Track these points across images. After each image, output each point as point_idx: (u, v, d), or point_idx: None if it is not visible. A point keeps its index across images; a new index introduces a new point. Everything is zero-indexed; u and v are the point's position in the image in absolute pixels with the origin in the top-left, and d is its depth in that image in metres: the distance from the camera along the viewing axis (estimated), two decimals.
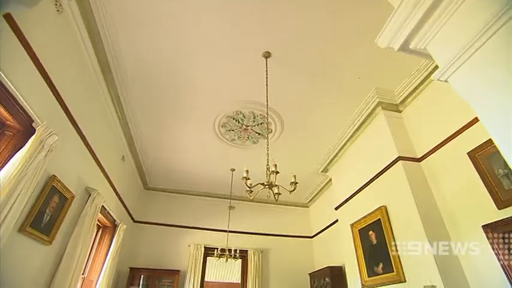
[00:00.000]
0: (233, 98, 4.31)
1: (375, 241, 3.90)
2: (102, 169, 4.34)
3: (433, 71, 3.51)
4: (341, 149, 5.18)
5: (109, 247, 4.99)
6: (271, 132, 4.94)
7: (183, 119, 4.77)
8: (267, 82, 3.62)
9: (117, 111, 4.41)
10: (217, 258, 5.88)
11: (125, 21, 3.19)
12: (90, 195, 3.88)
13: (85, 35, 3.20)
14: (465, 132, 3.08)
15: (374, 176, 4.14)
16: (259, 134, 5.07)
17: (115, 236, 5.08)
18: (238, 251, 5.74)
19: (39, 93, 2.65)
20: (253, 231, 7.21)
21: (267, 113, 3.98)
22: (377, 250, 3.82)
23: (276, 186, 3.09)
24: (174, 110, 4.57)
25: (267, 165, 3.20)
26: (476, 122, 2.94)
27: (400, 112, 4.13)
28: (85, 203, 3.80)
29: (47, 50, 2.67)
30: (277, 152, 4.06)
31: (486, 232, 2.63)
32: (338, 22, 3.14)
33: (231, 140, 5.25)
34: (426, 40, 1.33)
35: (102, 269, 4.72)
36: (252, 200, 3.54)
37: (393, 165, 3.75)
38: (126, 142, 5.20)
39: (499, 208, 2.57)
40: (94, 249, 4.84)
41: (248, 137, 5.16)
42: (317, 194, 7.19)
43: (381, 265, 3.69)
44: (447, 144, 3.30)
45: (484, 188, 2.72)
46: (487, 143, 2.74)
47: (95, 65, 3.57)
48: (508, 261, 2.42)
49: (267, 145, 3.66)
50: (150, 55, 3.60)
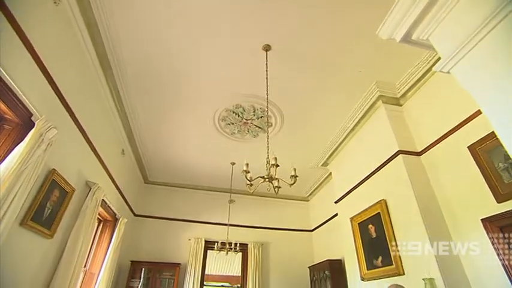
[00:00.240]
0: (233, 92, 4.28)
1: (375, 234, 3.92)
2: (102, 163, 4.34)
3: (434, 65, 3.50)
4: (341, 143, 5.17)
5: (110, 240, 5.02)
6: (271, 126, 4.93)
7: (183, 113, 4.75)
8: (267, 75, 3.60)
9: (116, 104, 4.39)
10: (217, 251, 5.92)
11: (124, 13, 3.15)
12: (90, 189, 3.89)
13: (83, 28, 3.16)
14: (466, 126, 3.07)
15: (374, 170, 4.14)
16: (259, 128, 5.06)
17: (116, 230, 5.11)
18: (238, 245, 5.78)
19: (37, 86, 2.63)
20: (253, 224, 7.25)
21: (267, 107, 3.96)
22: (376, 243, 3.84)
23: (276, 179, 3.09)
24: (174, 104, 4.55)
25: (267, 158, 3.20)
26: (476, 116, 2.93)
27: (401, 106, 4.11)
28: (85, 197, 3.81)
29: (45, 43, 2.64)
30: (277, 146, 4.06)
31: (485, 225, 2.64)
32: (339, 15, 3.10)
33: (231, 134, 5.24)
34: (428, 31, 1.31)
35: (103, 262, 4.75)
36: (252, 194, 3.55)
37: (393, 159, 3.75)
38: (125, 136, 5.19)
39: (499, 202, 2.57)
40: (95, 242, 4.88)
41: (248, 131, 5.15)
42: (317, 188, 7.21)
43: (380, 258, 3.72)
44: (447, 138, 3.29)
45: (484, 182, 2.72)
46: (488, 137, 2.73)
47: (94, 59, 3.54)
48: (508, 255, 2.43)
49: (267, 139, 3.65)
50: (150, 47, 3.56)
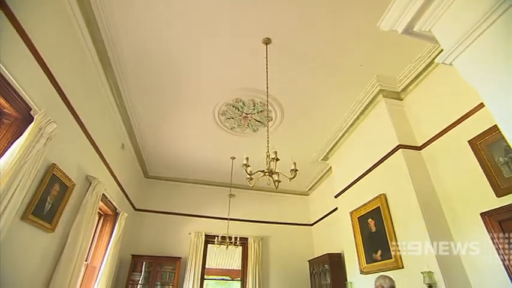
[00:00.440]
0: (233, 85, 4.26)
1: (374, 228, 3.94)
2: (102, 158, 4.34)
3: (435, 59, 3.48)
4: (341, 137, 5.17)
5: (111, 235, 5.05)
6: (271, 120, 4.92)
7: (183, 107, 4.73)
8: (267, 69, 3.58)
9: (116, 99, 4.37)
10: (217, 245, 5.95)
11: (123, 12, 3.14)
12: (90, 183, 3.89)
13: (83, 26, 3.17)
14: (466, 120, 3.07)
15: (374, 164, 4.15)
16: (259, 122, 5.04)
17: (116, 224, 5.13)
18: (238, 239, 5.81)
19: (36, 81, 2.63)
20: (253, 219, 7.29)
21: (267, 101, 3.94)
22: (376, 237, 3.87)
23: (276, 173, 3.09)
24: (174, 98, 4.53)
25: (267, 152, 3.20)
26: (477, 110, 2.92)
27: (401, 100, 4.09)
28: (86, 191, 3.82)
29: (45, 40, 2.65)
30: (277, 140, 4.05)
31: (484, 220, 2.65)
32: (339, 7, 3.07)
33: (231, 128, 5.23)
34: (431, 22, 1.29)
35: (104, 256, 4.78)
36: (252, 188, 3.57)
37: (393, 153, 3.75)
38: (125, 130, 5.18)
39: (498, 196, 2.58)
40: (96, 236, 4.91)
41: (248, 125, 5.13)
42: (317, 182, 7.23)
43: (380, 252, 3.74)
44: (448, 132, 3.29)
45: (484, 176, 2.73)
46: (489, 131, 2.73)
47: (94, 56, 3.54)
48: (508, 250, 2.44)
49: (267, 133, 3.64)
50: (149, 43, 3.54)
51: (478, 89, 1.09)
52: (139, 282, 5.91)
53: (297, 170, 3.06)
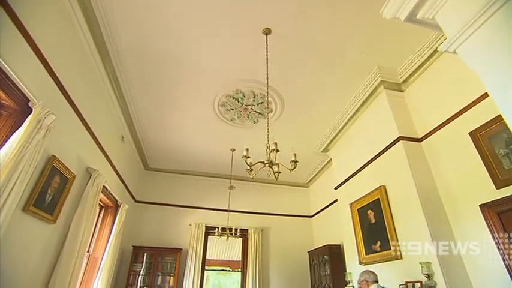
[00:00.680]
0: (233, 76, 4.22)
1: (373, 220, 3.96)
2: (102, 150, 4.34)
3: (437, 51, 3.44)
4: (342, 129, 5.15)
5: (112, 226, 5.08)
6: (271, 111, 4.89)
7: (182, 99, 4.70)
8: (267, 60, 3.54)
9: (115, 91, 4.34)
10: (218, 236, 6.00)
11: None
12: (91, 175, 3.90)
13: (78, 13, 3.10)
14: (467, 112, 3.05)
15: (374, 156, 4.14)
16: (259, 114, 5.02)
17: (117, 216, 5.16)
18: (238, 230, 5.85)
19: (34, 72, 2.60)
20: (253, 210, 7.33)
21: (267, 92, 3.91)
22: (375, 229, 3.89)
23: (276, 164, 3.08)
24: (173, 90, 4.50)
25: (267, 143, 3.19)
26: (479, 102, 2.90)
27: (402, 92, 4.06)
28: (86, 183, 3.82)
29: (42, 31, 2.62)
30: (277, 132, 4.01)
31: (483, 211, 2.66)
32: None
33: (231, 120, 5.21)
34: (435, 9, 1.25)
35: (106, 247, 4.83)
36: (252, 180, 3.57)
37: (394, 145, 3.74)
38: (125, 122, 5.16)
39: (498, 188, 2.58)
40: (98, 228, 4.94)
41: (248, 117, 5.11)
42: (317, 174, 7.25)
43: (379, 243, 3.77)
44: (449, 124, 3.27)
45: (484, 168, 2.72)
46: (490, 123, 2.72)
47: (91, 45, 3.49)
48: (503, 239, 2.46)
49: (267, 123, 3.63)
50: (148, 34, 3.49)
51: (482, 77, 1.07)
52: (140, 272, 5.98)
53: (297, 161, 3.06)
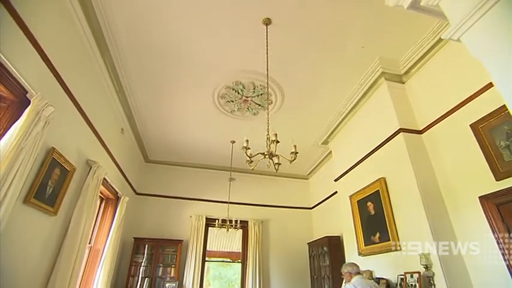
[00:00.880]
0: (232, 68, 4.18)
1: (373, 212, 3.98)
2: (102, 142, 4.33)
3: (438, 43, 3.40)
4: (342, 121, 5.13)
5: (113, 218, 5.12)
6: (271, 103, 4.87)
7: (182, 90, 4.67)
8: (268, 51, 3.50)
9: (114, 83, 4.31)
10: (218, 228, 6.05)
11: None
12: (91, 167, 3.90)
13: (77, 7, 3.07)
14: (468, 104, 3.03)
15: (374, 148, 4.14)
16: (259, 105, 4.99)
17: (118, 208, 5.19)
18: (238, 222, 5.90)
19: (32, 64, 2.57)
20: (253, 202, 7.37)
21: (267, 83, 3.87)
22: (375, 220, 3.91)
23: (276, 156, 3.08)
24: (173, 81, 4.46)
25: (267, 135, 3.18)
26: (480, 94, 2.88)
27: (403, 83, 4.03)
28: (86, 176, 3.83)
29: (39, 22, 2.59)
30: (277, 124, 4.00)
31: (482, 203, 2.67)
32: None
33: (231, 112, 5.18)
34: None
35: (107, 239, 4.87)
36: (253, 172, 3.57)
37: (394, 137, 3.73)
38: (124, 115, 5.14)
39: (497, 179, 2.59)
40: (99, 220, 4.97)
41: (248, 108, 5.09)
42: (317, 166, 7.26)
43: (378, 234, 3.80)
44: (449, 116, 3.26)
45: (484, 160, 2.72)
46: (491, 115, 2.70)
47: (89, 37, 3.45)
48: (503, 233, 2.47)
49: (267, 115, 3.61)
50: (146, 26, 3.44)
51: (486, 65, 1.05)
52: (142, 264, 6.04)
53: (297, 153, 3.06)
